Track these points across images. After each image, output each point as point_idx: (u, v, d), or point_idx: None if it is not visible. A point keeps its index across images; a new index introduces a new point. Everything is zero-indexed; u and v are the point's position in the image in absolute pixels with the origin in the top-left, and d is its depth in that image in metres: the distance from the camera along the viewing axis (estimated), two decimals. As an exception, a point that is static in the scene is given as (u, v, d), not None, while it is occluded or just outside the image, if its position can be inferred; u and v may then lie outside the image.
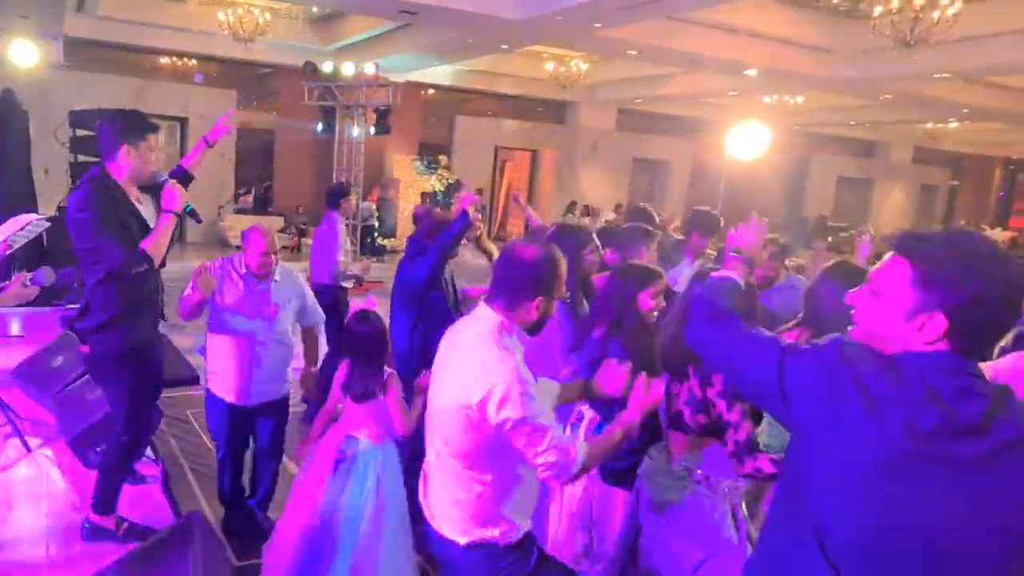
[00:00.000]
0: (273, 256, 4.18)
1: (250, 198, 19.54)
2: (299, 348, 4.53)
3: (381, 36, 15.30)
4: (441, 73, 18.62)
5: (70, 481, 4.89)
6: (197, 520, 3.28)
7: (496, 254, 5.01)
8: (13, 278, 6.25)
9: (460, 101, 21.34)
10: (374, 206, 16.89)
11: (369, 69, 13.70)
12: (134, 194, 3.92)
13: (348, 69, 13.74)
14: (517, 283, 2.46)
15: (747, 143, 13.16)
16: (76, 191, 3.87)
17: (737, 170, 14.61)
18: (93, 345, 3.95)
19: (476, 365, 2.37)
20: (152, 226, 3.90)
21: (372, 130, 13.94)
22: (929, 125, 22.43)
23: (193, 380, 6.93)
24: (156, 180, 3.96)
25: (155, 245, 3.80)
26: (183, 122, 17.67)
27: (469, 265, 5.51)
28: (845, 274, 3.22)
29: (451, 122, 21.00)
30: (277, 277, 4.26)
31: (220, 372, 4.25)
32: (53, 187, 13.45)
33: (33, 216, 6.10)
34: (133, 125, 3.87)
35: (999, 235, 22.21)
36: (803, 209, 25.48)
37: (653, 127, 23.95)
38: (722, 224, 5.52)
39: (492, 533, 2.48)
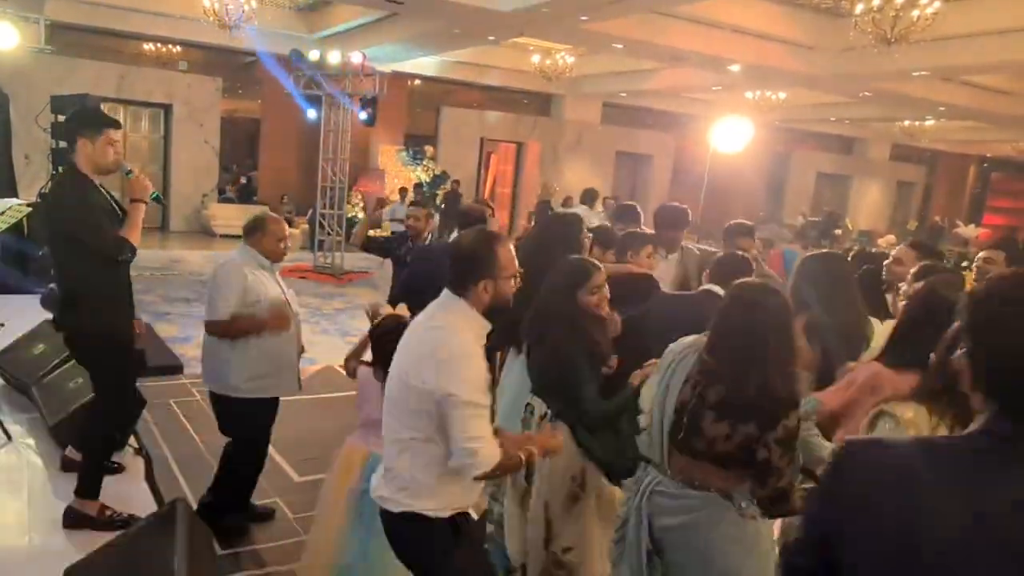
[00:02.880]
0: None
1: (234, 187, 19.48)
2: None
3: (367, 25, 15.29)
4: (427, 64, 18.61)
5: (51, 469, 4.84)
6: (181, 507, 3.26)
7: None
8: None
9: (446, 92, 21.29)
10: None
11: (355, 58, 13.68)
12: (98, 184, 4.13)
13: (334, 58, 13.72)
14: (458, 270, 2.60)
15: (729, 137, 13.28)
16: (58, 184, 4.13)
17: (719, 164, 14.72)
18: (79, 332, 4.11)
19: (434, 342, 2.53)
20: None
21: (361, 115, 13.93)
22: (906, 123, 22.62)
23: (177, 369, 7.21)
24: (119, 171, 4.14)
25: (135, 236, 3.98)
26: (167, 109, 17.65)
27: None
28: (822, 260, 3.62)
29: (437, 113, 20.96)
30: None
31: (272, 370, 4.14)
32: (34, 173, 13.37)
33: (13, 201, 6.18)
34: (88, 120, 4.09)
35: (972, 231, 22.52)
36: (783, 204, 25.68)
37: (637, 121, 24.01)
38: (690, 217, 5.50)
39: (426, 505, 2.61)
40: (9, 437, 5.09)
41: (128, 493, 4.55)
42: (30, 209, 6.39)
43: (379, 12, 14.11)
